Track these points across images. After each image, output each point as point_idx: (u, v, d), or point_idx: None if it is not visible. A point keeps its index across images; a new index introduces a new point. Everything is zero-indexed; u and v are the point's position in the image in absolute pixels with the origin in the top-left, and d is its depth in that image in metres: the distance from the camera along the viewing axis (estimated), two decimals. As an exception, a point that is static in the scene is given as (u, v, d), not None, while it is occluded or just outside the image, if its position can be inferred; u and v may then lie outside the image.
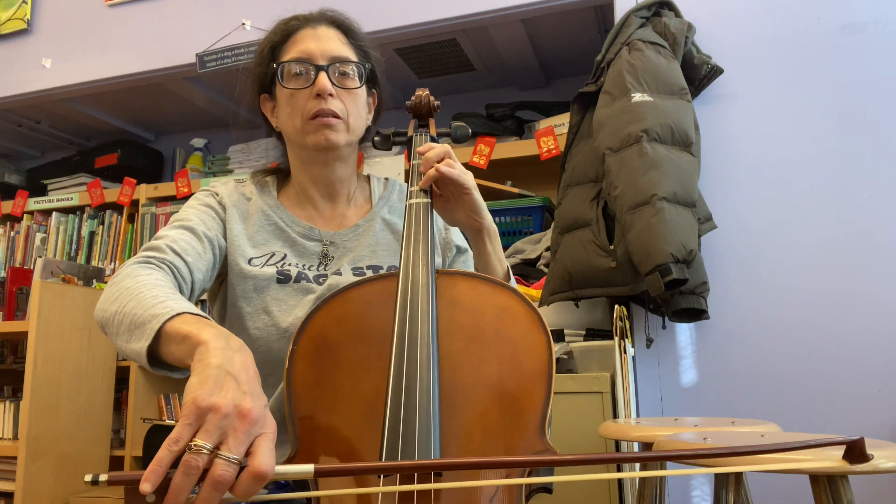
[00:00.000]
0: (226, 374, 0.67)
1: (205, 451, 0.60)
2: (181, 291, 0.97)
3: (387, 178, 1.27)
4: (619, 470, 1.67)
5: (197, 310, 0.81)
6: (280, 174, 1.22)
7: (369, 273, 1.10)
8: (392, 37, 2.30)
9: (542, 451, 0.75)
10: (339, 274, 1.10)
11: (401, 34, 2.31)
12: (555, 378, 0.81)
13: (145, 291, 0.85)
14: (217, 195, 1.15)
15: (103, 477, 0.59)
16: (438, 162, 1.00)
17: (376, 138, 1.19)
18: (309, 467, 0.61)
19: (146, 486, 0.58)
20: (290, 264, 1.10)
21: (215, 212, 1.12)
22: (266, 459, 0.61)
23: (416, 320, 0.82)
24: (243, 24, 2.46)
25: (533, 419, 0.78)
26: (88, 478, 0.60)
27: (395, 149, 1.29)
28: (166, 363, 0.80)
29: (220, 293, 1.13)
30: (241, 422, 0.63)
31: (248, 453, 0.62)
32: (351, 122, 1.10)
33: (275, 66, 1.11)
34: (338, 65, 1.09)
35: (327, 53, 1.09)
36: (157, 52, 2.56)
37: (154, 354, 0.79)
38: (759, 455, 0.93)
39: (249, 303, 1.06)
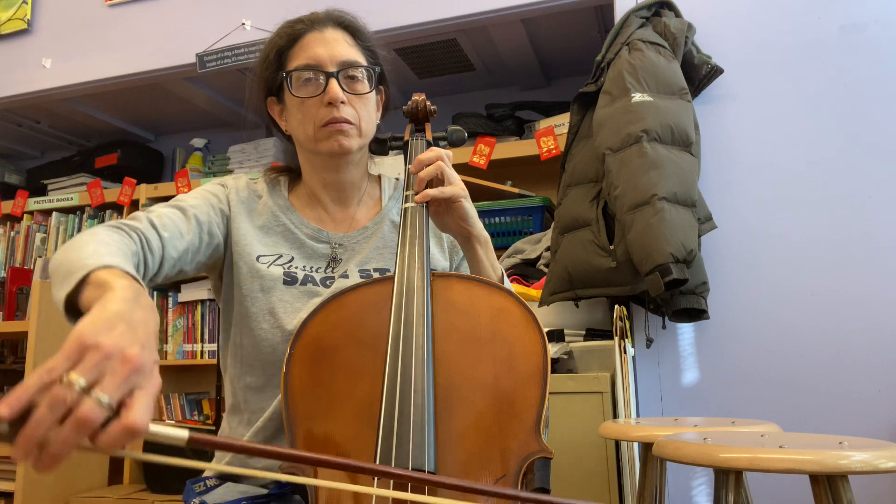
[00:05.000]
0: (121, 319, 0.63)
1: (76, 388, 0.55)
2: (145, 262, 0.94)
3: (397, 178, 1.26)
4: (619, 474, 1.67)
5: (132, 270, 0.78)
6: (292, 173, 1.21)
7: (376, 275, 1.10)
8: (392, 37, 2.30)
9: (537, 451, 0.76)
10: (346, 276, 1.09)
11: (401, 34, 2.30)
12: (550, 379, 0.81)
13: (92, 246, 0.82)
14: (226, 188, 1.14)
15: None
16: (428, 178, 0.99)
17: (372, 144, 1.19)
18: (183, 433, 0.57)
19: (3, 410, 0.53)
20: (296, 267, 1.09)
21: (219, 202, 1.11)
22: (141, 414, 0.57)
23: (411, 323, 0.83)
24: (243, 24, 2.46)
25: (528, 420, 0.78)
26: None
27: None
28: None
29: (222, 291, 1.12)
30: (123, 366, 0.58)
31: (125, 405, 0.57)
32: (363, 127, 1.10)
33: (283, 74, 1.09)
34: (348, 70, 1.08)
35: (336, 58, 1.07)
36: (157, 52, 2.56)
37: (75, 304, 0.76)
38: (761, 455, 0.93)
39: (255, 303, 1.05)
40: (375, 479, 0.72)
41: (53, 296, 0.81)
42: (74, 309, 0.76)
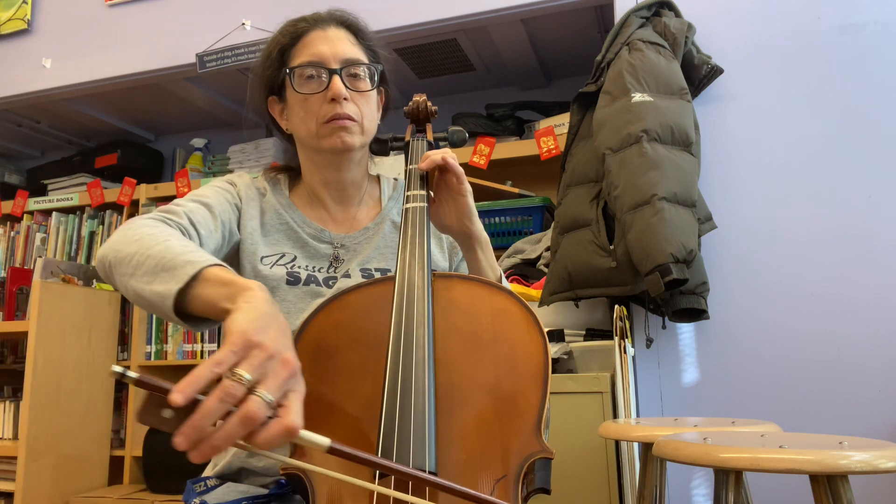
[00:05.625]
0: (273, 321, 0.66)
1: (244, 383, 0.58)
2: None
3: (396, 178, 1.26)
4: (619, 474, 1.67)
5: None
6: (292, 172, 1.21)
7: (378, 275, 1.10)
8: (392, 37, 2.30)
9: (538, 452, 0.75)
10: (349, 276, 1.09)
11: (401, 34, 2.30)
12: (551, 379, 0.81)
13: (173, 241, 0.83)
14: (235, 186, 1.15)
15: (132, 374, 0.56)
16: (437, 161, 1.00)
17: (373, 144, 1.19)
18: (326, 440, 0.60)
19: (178, 398, 0.55)
20: (299, 266, 1.09)
21: (234, 198, 1.12)
22: (297, 417, 0.60)
23: (412, 323, 0.83)
24: (243, 24, 2.45)
25: (529, 420, 0.78)
26: (118, 369, 0.55)
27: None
28: (183, 312, 0.78)
29: None
30: (283, 368, 0.61)
31: (279, 405, 0.60)
32: (365, 125, 1.11)
33: (286, 70, 1.09)
34: (350, 67, 1.09)
35: (339, 56, 1.08)
36: (157, 52, 2.56)
37: (179, 300, 0.77)
38: (761, 455, 0.93)
39: None
40: (377, 477, 0.72)
41: (135, 288, 0.80)
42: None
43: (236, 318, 0.65)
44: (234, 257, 1.11)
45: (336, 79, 1.06)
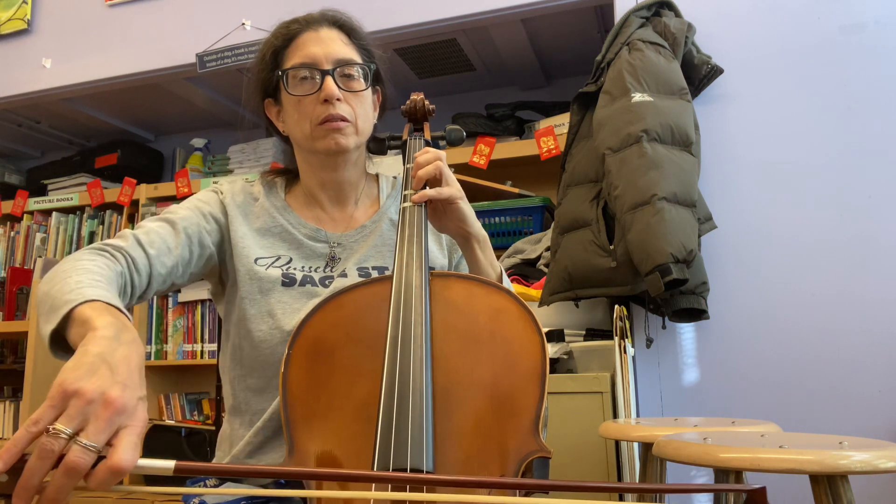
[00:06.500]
0: (102, 361, 0.65)
1: (63, 436, 0.58)
2: (132, 282, 0.95)
3: (395, 177, 1.26)
4: (619, 474, 1.67)
5: (114, 300, 0.79)
6: (289, 174, 1.21)
7: (375, 274, 1.10)
8: (392, 37, 2.30)
9: (536, 451, 0.75)
10: (345, 276, 1.09)
11: (401, 34, 2.30)
12: (548, 378, 0.81)
13: (73, 276, 0.83)
14: (221, 194, 1.14)
15: None
16: (427, 178, 1.00)
17: (371, 143, 1.19)
18: (170, 464, 0.60)
19: None
20: (295, 268, 1.09)
21: (211, 210, 1.11)
22: (126, 454, 0.60)
23: (409, 322, 0.82)
24: (243, 24, 2.46)
25: (526, 419, 0.78)
26: None
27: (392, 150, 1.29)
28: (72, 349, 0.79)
29: (224, 294, 1.12)
30: (105, 409, 0.61)
31: (110, 444, 0.60)
32: (360, 125, 1.10)
33: (279, 72, 1.09)
34: (343, 68, 1.08)
35: (332, 56, 1.08)
36: (157, 52, 2.56)
37: (63, 339, 0.78)
38: (761, 455, 0.93)
39: (254, 304, 1.05)
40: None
41: (39, 329, 0.82)
42: (65, 342, 0.78)
43: (63, 368, 0.65)
44: (215, 267, 1.11)
45: (328, 79, 1.06)
